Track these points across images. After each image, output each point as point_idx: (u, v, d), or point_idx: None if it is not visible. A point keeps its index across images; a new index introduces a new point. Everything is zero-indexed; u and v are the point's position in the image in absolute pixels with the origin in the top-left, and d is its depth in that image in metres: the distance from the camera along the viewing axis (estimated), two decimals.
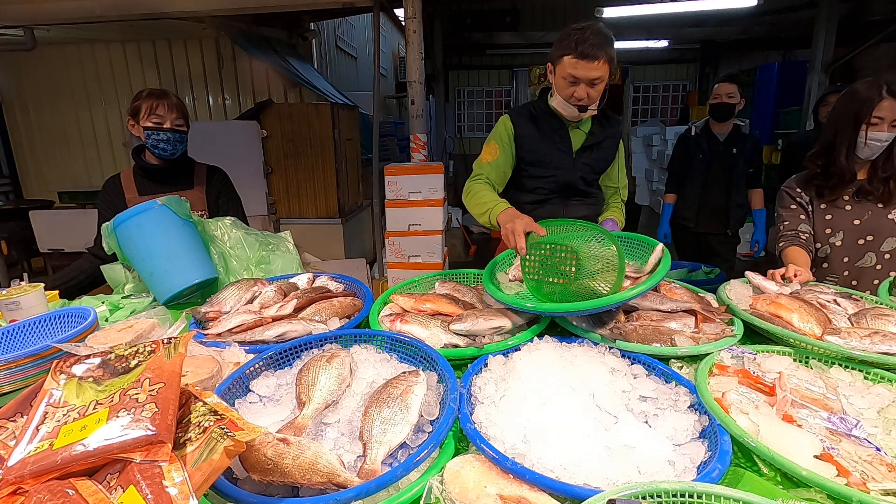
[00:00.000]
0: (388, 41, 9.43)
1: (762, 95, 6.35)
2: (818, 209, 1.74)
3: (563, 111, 1.71)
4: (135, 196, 1.89)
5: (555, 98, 1.71)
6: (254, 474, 0.72)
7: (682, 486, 0.65)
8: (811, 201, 1.75)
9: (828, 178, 1.69)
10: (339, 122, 4.75)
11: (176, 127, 1.84)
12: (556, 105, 1.72)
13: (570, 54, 1.56)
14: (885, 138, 1.56)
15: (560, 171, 1.81)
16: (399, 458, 0.81)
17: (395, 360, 1.09)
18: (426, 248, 3.84)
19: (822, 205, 1.73)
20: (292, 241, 1.92)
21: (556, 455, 0.77)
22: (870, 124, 1.56)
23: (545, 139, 1.78)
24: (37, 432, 0.66)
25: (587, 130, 1.81)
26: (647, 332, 1.16)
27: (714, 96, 3.01)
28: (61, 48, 5.26)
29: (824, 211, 1.72)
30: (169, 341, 0.79)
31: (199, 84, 5.46)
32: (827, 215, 1.72)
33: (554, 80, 1.69)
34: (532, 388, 0.95)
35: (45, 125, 5.57)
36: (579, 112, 1.67)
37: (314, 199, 4.93)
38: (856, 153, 1.62)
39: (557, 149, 1.79)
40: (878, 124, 1.56)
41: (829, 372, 1.06)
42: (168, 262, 1.52)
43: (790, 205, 1.79)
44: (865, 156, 1.62)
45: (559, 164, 1.80)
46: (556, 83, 1.67)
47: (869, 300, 1.37)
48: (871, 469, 0.75)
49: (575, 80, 1.59)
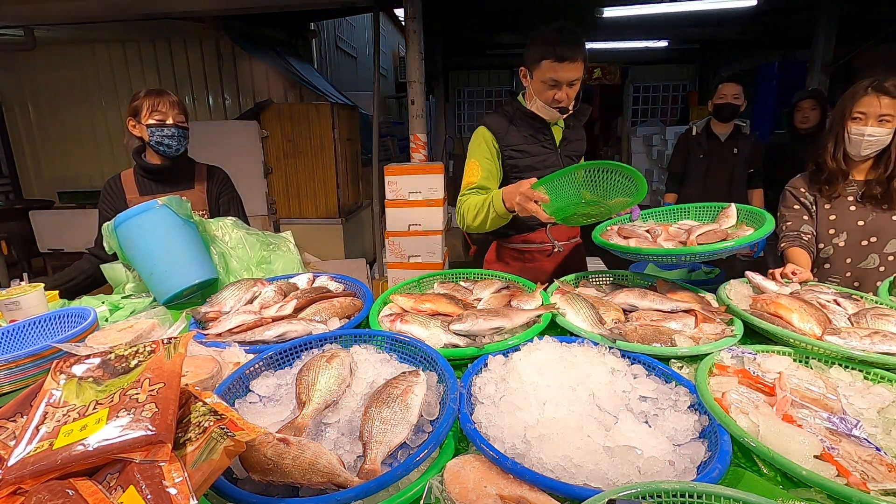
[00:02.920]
0: (388, 41, 9.44)
1: (762, 95, 6.36)
2: (822, 209, 1.74)
3: (543, 114, 1.70)
4: (135, 196, 1.89)
5: (534, 102, 1.69)
6: (254, 474, 0.72)
7: (682, 486, 0.65)
8: (815, 201, 1.75)
9: (821, 175, 1.71)
10: (338, 122, 4.75)
11: (178, 123, 1.84)
12: (535, 109, 1.70)
13: (549, 58, 1.54)
14: (870, 133, 1.56)
15: (552, 167, 1.77)
16: (399, 458, 0.81)
17: (395, 360, 1.09)
18: (426, 248, 3.84)
19: (826, 205, 1.73)
20: (293, 242, 1.92)
21: (556, 455, 0.77)
22: (852, 119, 1.58)
23: (531, 142, 1.76)
24: (37, 432, 0.66)
25: (562, 124, 1.83)
26: (647, 332, 1.16)
27: (719, 96, 3.01)
28: (61, 48, 5.26)
29: (828, 211, 1.73)
30: (169, 341, 0.79)
31: (199, 84, 5.46)
32: (831, 215, 1.72)
33: (531, 84, 1.67)
34: (532, 388, 0.94)
35: (45, 125, 5.57)
36: (560, 114, 1.67)
37: (314, 199, 4.94)
38: (847, 150, 1.64)
39: (544, 148, 1.78)
40: (861, 119, 1.57)
41: (829, 372, 1.06)
42: (168, 262, 1.52)
43: (793, 205, 1.79)
44: (855, 152, 1.62)
45: (549, 163, 1.78)
46: (534, 87, 1.65)
47: (869, 300, 1.37)
48: (871, 469, 0.75)
49: (555, 83, 1.58)
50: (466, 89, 9.56)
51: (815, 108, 3.11)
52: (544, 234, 1.86)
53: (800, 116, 3.16)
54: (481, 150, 1.74)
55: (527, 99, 1.73)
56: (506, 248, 1.93)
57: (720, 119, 3.06)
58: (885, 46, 5.00)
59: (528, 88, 1.70)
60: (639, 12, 6.00)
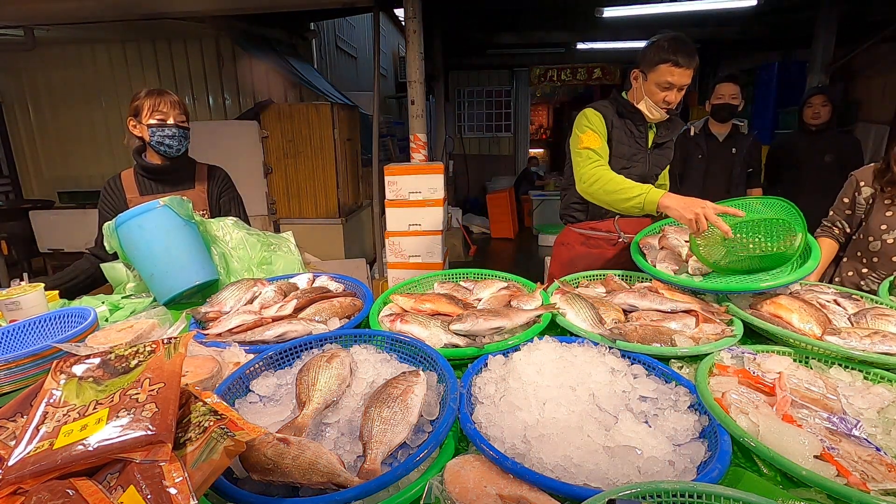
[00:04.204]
0: (388, 41, 9.43)
1: (762, 95, 6.34)
2: (880, 204, 1.77)
3: (651, 113, 1.82)
4: (136, 196, 1.89)
5: (644, 102, 1.81)
6: (254, 474, 0.72)
7: (682, 486, 0.65)
8: (874, 195, 1.78)
9: (885, 176, 1.74)
10: (338, 122, 4.75)
11: (179, 123, 1.84)
12: (644, 108, 1.82)
13: (669, 62, 1.68)
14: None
15: (638, 165, 1.90)
16: (399, 458, 0.81)
17: (395, 360, 1.09)
18: (426, 248, 3.84)
19: (886, 200, 1.76)
20: (294, 242, 1.92)
21: (556, 455, 0.77)
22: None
23: (630, 134, 1.88)
24: (37, 432, 0.66)
25: (656, 130, 1.93)
26: (647, 332, 1.16)
27: (717, 96, 3.00)
28: (61, 48, 5.26)
29: (886, 207, 1.75)
30: (169, 341, 0.79)
31: (199, 84, 5.46)
32: (887, 212, 1.75)
33: (643, 86, 1.79)
34: (532, 388, 0.94)
35: (45, 125, 5.57)
36: (667, 114, 1.82)
37: (314, 199, 4.94)
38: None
39: (638, 144, 1.89)
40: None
41: (829, 372, 1.06)
42: (169, 263, 1.52)
43: (844, 197, 1.87)
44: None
45: (638, 159, 1.90)
46: (647, 88, 1.78)
47: (869, 300, 1.37)
48: (871, 469, 0.75)
49: (670, 85, 1.72)
50: (466, 89, 9.54)
51: (826, 104, 3.09)
52: (611, 223, 1.96)
53: (810, 112, 3.12)
54: (595, 125, 1.83)
55: (635, 98, 1.85)
56: (573, 231, 2.06)
57: (718, 119, 3.06)
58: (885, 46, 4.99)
59: (638, 89, 1.83)
60: (639, 12, 5.99)
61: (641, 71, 1.79)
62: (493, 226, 7.77)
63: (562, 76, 8.57)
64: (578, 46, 8.01)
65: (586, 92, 12.73)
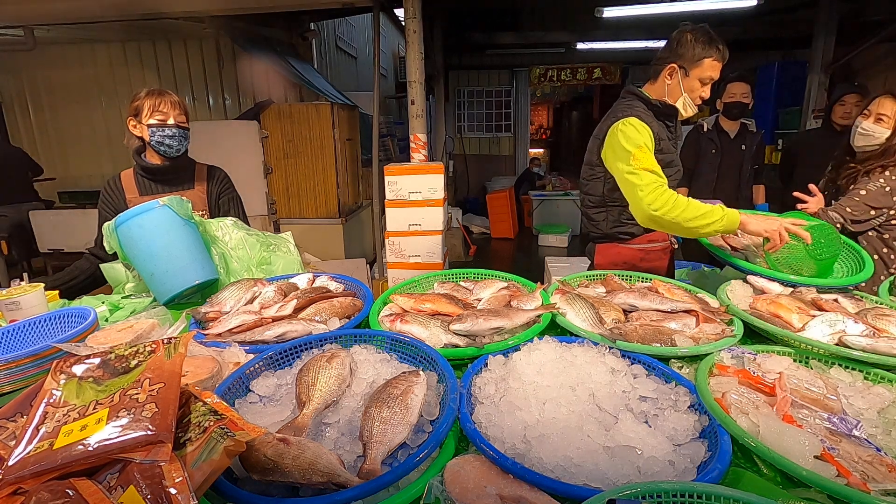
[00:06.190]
0: (388, 41, 9.44)
1: (762, 95, 6.35)
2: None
3: (686, 110, 1.77)
4: (135, 196, 1.89)
5: (683, 98, 1.74)
6: (254, 474, 0.72)
7: (682, 486, 0.65)
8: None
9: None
10: (338, 122, 4.75)
11: (179, 123, 1.84)
12: (681, 104, 1.76)
13: (713, 57, 1.65)
14: None
15: (676, 169, 1.85)
16: (399, 458, 0.81)
17: (396, 361, 1.09)
18: (426, 248, 3.84)
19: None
20: (294, 242, 1.91)
21: (556, 455, 0.77)
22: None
23: (670, 138, 1.83)
24: (37, 432, 0.66)
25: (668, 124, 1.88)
26: (647, 332, 1.16)
27: (729, 95, 3.02)
28: (61, 48, 5.26)
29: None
30: (169, 341, 0.79)
31: (199, 84, 5.47)
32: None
33: (683, 82, 1.72)
34: (532, 388, 0.94)
35: (44, 125, 5.58)
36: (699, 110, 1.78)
37: (314, 199, 4.94)
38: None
39: (673, 147, 1.85)
40: None
41: (829, 372, 1.06)
42: (169, 263, 1.52)
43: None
44: None
45: (676, 162, 1.86)
46: (688, 84, 1.72)
47: (869, 300, 1.37)
48: (872, 469, 0.75)
49: (711, 80, 1.70)
50: (466, 89, 9.53)
51: (860, 103, 3.07)
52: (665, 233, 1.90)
53: (842, 111, 3.06)
54: (644, 139, 1.67)
55: (668, 96, 1.77)
56: (629, 248, 1.92)
57: (730, 117, 3.08)
58: (885, 46, 4.99)
59: (674, 85, 1.74)
60: (639, 12, 6.00)
61: (682, 67, 1.70)
62: (493, 226, 7.77)
63: (562, 76, 8.58)
64: (578, 46, 8.01)
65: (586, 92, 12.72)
